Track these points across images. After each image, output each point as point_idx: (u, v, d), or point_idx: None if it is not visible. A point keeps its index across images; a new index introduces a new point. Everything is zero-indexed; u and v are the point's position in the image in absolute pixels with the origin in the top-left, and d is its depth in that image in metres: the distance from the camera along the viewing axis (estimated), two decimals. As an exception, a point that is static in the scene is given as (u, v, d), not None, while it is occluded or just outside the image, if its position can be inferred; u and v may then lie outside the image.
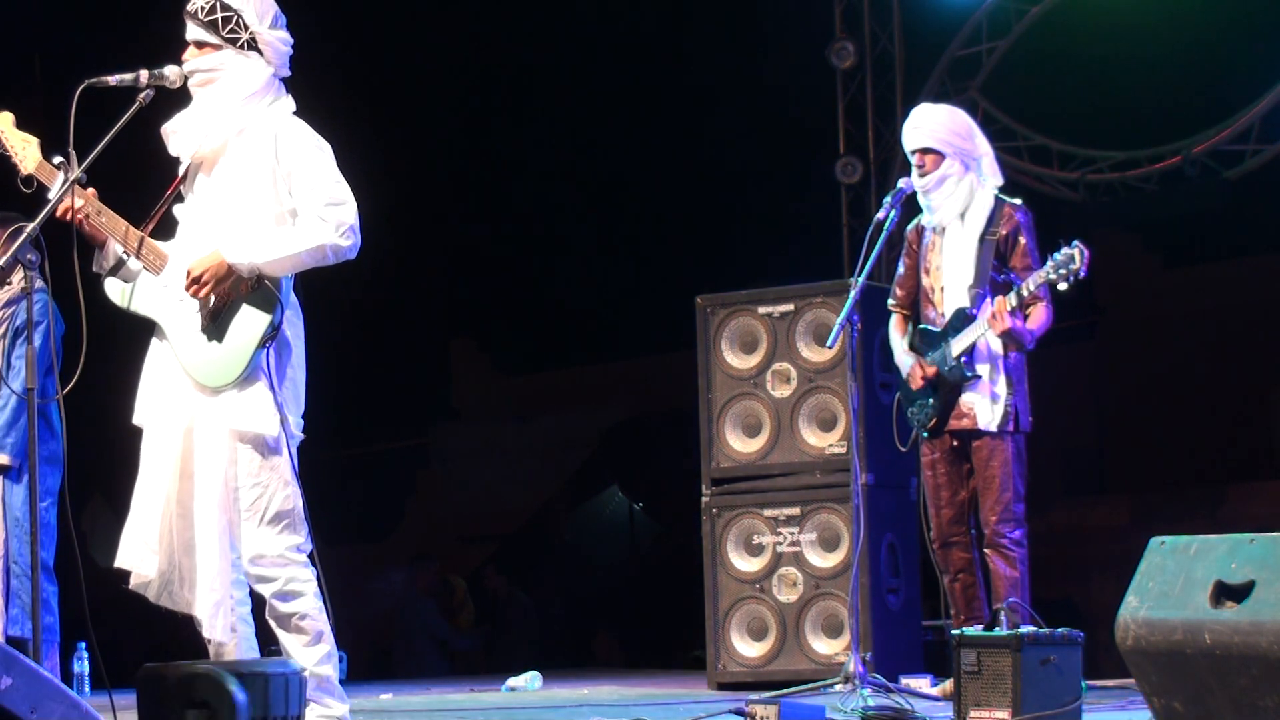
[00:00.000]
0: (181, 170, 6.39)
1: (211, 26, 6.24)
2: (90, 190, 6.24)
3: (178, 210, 6.37)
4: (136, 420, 6.32)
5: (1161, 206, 13.72)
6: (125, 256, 6.29)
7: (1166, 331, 14.99)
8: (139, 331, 6.43)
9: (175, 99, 6.35)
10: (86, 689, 9.49)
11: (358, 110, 13.67)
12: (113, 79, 6.19)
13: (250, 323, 6.12)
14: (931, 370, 8.13)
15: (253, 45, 6.26)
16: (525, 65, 16.15)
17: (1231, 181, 12.98)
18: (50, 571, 8.82)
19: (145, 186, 6.49)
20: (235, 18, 6.24)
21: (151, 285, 6.29)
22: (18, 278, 8.73)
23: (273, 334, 6.12)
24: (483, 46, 16.26)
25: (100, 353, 6.12)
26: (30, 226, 5.91)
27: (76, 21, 14.06)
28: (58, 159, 6.17)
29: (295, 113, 6.38)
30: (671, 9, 15.08)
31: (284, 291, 6.16)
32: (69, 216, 6.16)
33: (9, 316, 8.85)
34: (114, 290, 6.34)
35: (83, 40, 13.71)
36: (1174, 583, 5.00)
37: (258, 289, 6.13)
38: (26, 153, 6.31)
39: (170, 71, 6.22)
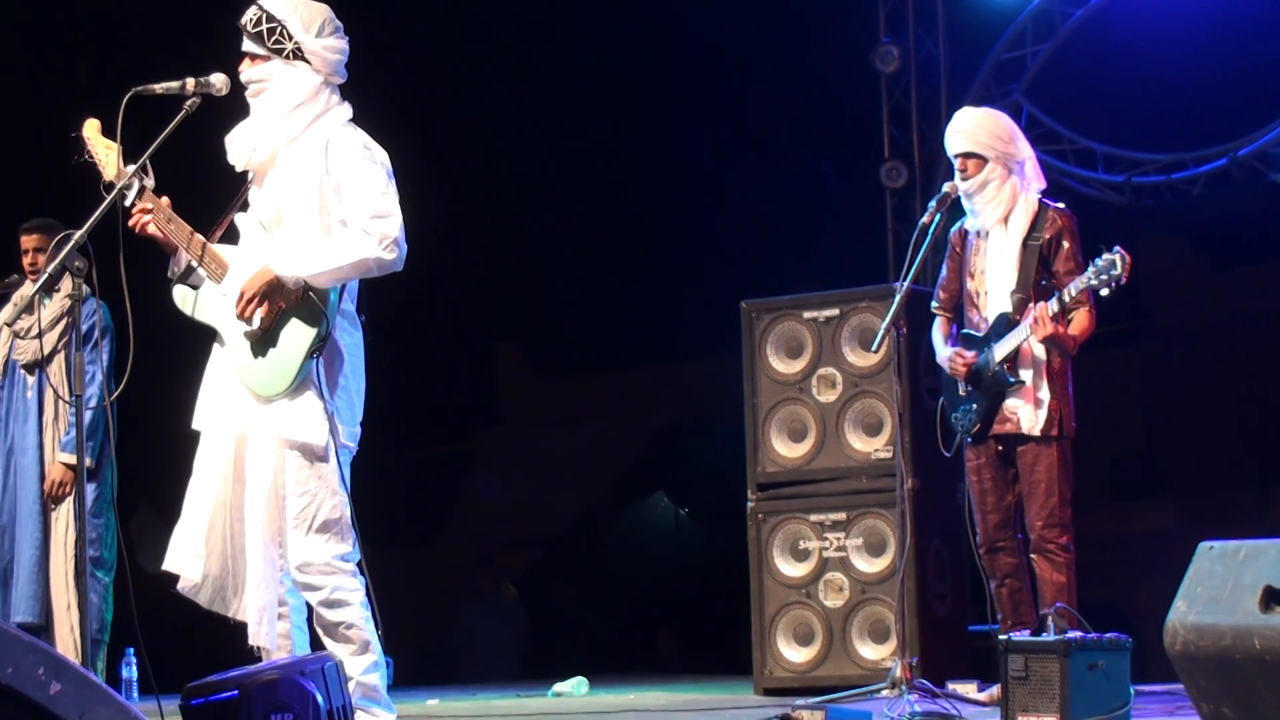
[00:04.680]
0: (249, 179, 6.45)
1: (258, 38, 6.30)
2: (165, 199, 6.30)
3: (239, 219, 6.42)
4: (195, 425, 6.38)
5: (1208, 209, 13.67)
6: (194, 268, 6.36)
7: (1213, 334, 14.93)
8: (184, 340, 6.47)
9: (236, 108, 6.40)
10: (135, 694, 9.53)
11: (407, 115, 13.70)
12: (159, 87, 6.23)
13: (299, 334, 6.16)
14: (972, 355, 8.08)
15: (299, 55, 6.30)
16: (571, 71, 16.16)
17: (1278, 184, 12.93)
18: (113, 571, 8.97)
19: (215, 196, 6.55)
20: (280, 28, 6.29)
21: (213, 293, 6.35)
22: (66, 285, 8.82)
23: (320, 344, 6.15)
24: (527, 53, 16.28)
25: (146, 360, 6.15)
26: (78, 234, 5.93)
27: (122, 29, 14.12)
28: (131, 167, 6.21)
29: (351, 119, 6.41)
30: (716, 13, 15.07)
31: (330, 303, 6.19)
32: (139, 228, 6.23)
33: (71, 325, 8.92)
34: (180, 297, 6.39)
35: (128, 48, 13.76)
36: (1223, 588, 4.98)
37: (305, 301, 6.17)
38: (109, 160, 6.36)
39: (216, 79, 6.26)
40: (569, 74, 16.11)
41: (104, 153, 6.37)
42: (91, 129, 6.44)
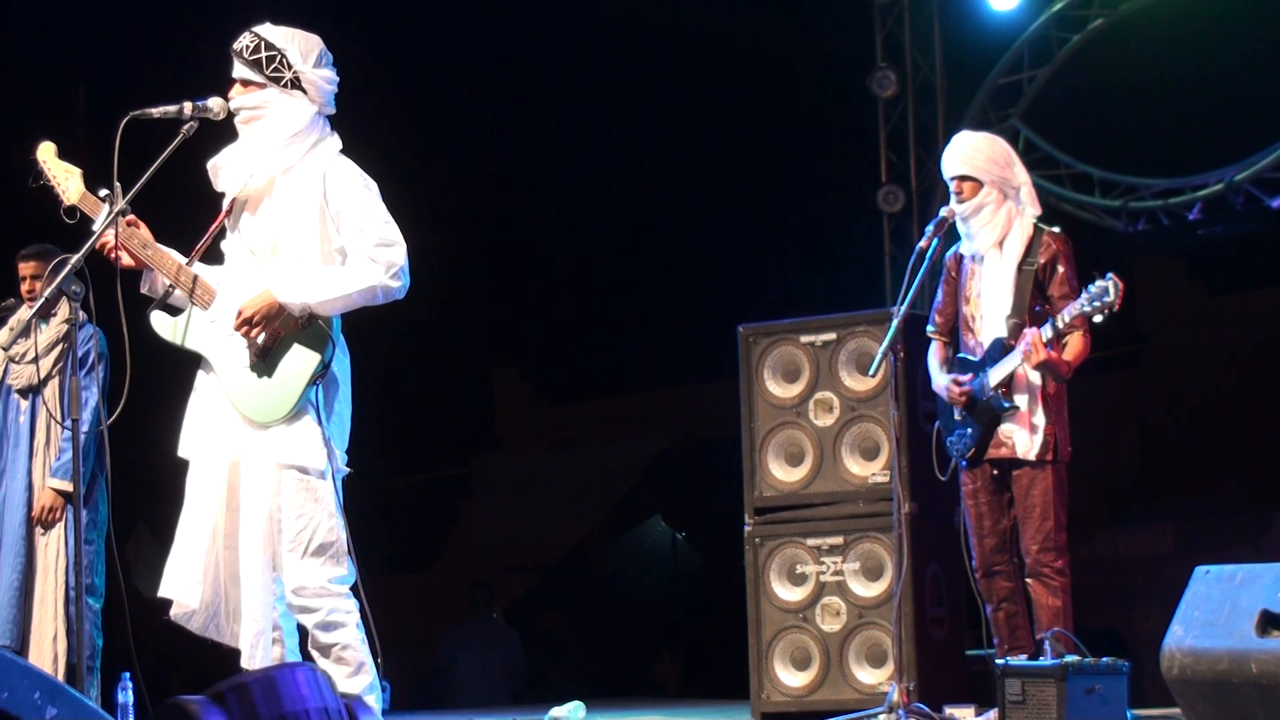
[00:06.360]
0: (226, 205, 6.43)
1: (255, 65, 6.29)
2: (143, 229, 6.29)
3: (226, 245, 6.42)
4: (182, 453, 6.36)
5: (1204, 234, 13.68)
6: (171, 290, 6.33)
7: (1210, 359, 14.94)
8: (181, 363, 6.46)
9: (223, 133, 6.39)
10: (130, 719, 9.51)
11: (400, 139, 13.71)
12: (156, 111, 6.22)
13: (301, 360, 6.16)
14: (968, 379, 8.07)
15: (296, 84, 6.30)
16: (566, 94, 16.19)
17: (1275, 209, 12.95)
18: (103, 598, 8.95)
19: (192, 219, 6.53)
20: (279, 57, 6.28)
21: (199, 320, 6.33)
22: (63, 310, 8.81)
23: (323, 371, 6.16)
24: (523, 77, 16.31)
25: (143, 383, 6.15)
26: (74, 259, 5.93)
27: (121, 54, 14.14)
28: (103, 191, 6.19)
29: (341, 148, 6.42)
30: (712, 37, 15.10)
31: (335, 330, 6.20)
32: (108, 252, 6.19)
33: (68, 350, 8.91)
34: (161, 324, 6.37)
35: (127, 73, 13.78)
36: (1219, 612, 4.98)
37: (309, 327, 6.17)
38: (69, 184, 6.34)
39: (214, 103, 6.26)
40: (565, 101, 16.14)
41: (63, 176, 6.35)
42: (47, 151, 6.41)
